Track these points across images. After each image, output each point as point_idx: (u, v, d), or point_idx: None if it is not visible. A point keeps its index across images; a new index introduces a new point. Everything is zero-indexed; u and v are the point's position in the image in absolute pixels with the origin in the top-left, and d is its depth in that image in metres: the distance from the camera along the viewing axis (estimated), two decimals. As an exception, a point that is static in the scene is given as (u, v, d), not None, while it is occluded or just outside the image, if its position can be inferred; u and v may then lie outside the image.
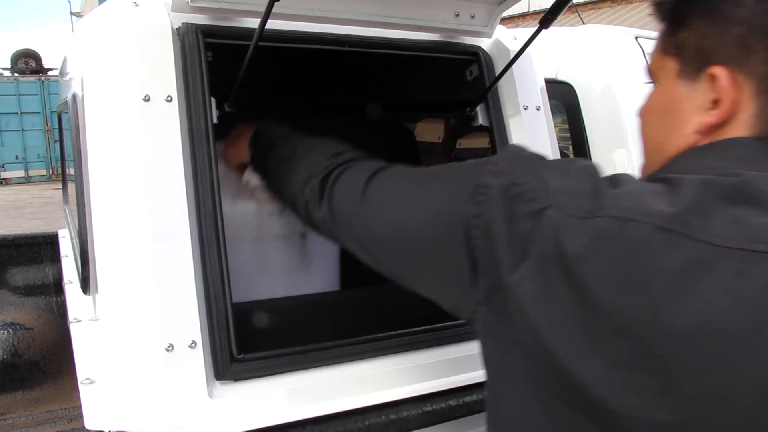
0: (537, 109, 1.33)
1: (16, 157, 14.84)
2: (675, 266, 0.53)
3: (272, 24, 0.97)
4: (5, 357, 2.13)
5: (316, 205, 0.92)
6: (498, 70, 1.30)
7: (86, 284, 1.28)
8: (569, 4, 1.09)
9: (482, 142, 1.48)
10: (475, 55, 1.32)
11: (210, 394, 0.95)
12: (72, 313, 1.36)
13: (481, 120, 1.32)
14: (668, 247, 0.54)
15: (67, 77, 1.51)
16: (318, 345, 1.05)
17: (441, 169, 0.78)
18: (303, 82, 1.58)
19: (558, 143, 1.38)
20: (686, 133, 0.67)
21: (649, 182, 0.62)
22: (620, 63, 1.58)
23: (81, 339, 1.19)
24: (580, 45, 1.67)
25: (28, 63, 15.95)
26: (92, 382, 1.01)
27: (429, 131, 2.11)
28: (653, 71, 0.74)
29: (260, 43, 0.97)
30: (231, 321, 0.98)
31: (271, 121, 1.18)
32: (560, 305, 0.56)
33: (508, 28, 1.43)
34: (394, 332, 1.12)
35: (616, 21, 9.42)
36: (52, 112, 13.91)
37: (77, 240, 1.35)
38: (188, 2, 1.02)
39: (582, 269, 0.56)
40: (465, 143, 2.05)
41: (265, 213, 1.36)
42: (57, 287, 2.30)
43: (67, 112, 1.36)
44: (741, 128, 0.64)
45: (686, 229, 0.54)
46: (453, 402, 1.08)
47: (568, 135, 1.67)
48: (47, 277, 2.33)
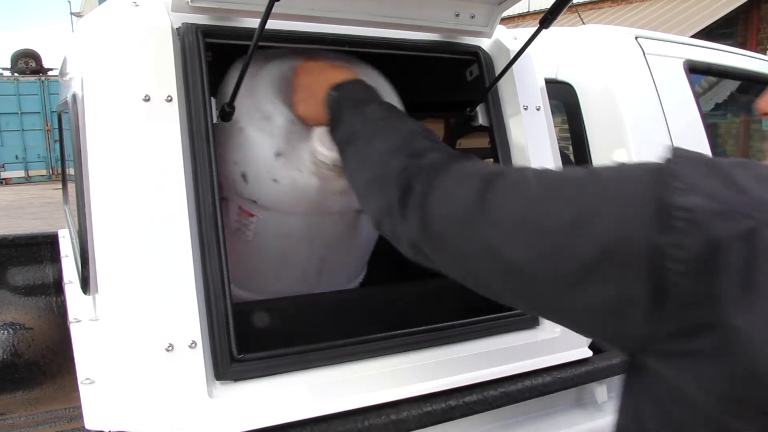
0: (537, 109, 1.33)
1: (16, 157, 14.85)
2: None
3: (272, 24, 0.97)
4: (5, 357, 2.13)
5: (399, 220, 0.79)
6: (498, 70, 1.30)
7: (86, 284, 1.28)
8: (569, 4, 1.09)
9: (482, 142, 1.48)
10: (475, 55, 1.32)
11: (210, 394, 0.95)
12: (72, 313, 1.36)
13: (481, 120, 1.32)
14: None
15: (67, 77, 1.51)
16: (318, 345, 1.05)
17: (588, 182, 0.64)
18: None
19: (558, 143, 1.38)
20: None
21: None
22: (620, 63, 1.58)
23: (81, 339, 1.19)
24: (580, 45, 1.67)
25: (28, 63, 15.96)
26: (92, 382, 1.01)
27: (429, 131, 2.10)
28: None
29: (260, 43, 0.97)
30: (231, 321, 0.98)
31: (355, 80, 1.06)
32: None
33: (508, 28, 1.43)
34: (394, 332, 1.12)
35: (616, 21, 9.43)
36: (52, 112, 13.91)
37: (77, 240, 1.35)
38: (188, 2, 1.02)
39: None
40: (465, 143, 2.05)
41: (328, 191, 1.16)
42: (57, 287, 2.30)
43: (67, 112, 1.36)
44: None
45: None
46: (453, 402, 1.08)
47: (568, 135, 1.67)
48: (47, 277, 2.33)
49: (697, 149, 1.69)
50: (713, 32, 7.66)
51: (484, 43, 1.34)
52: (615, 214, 0.58)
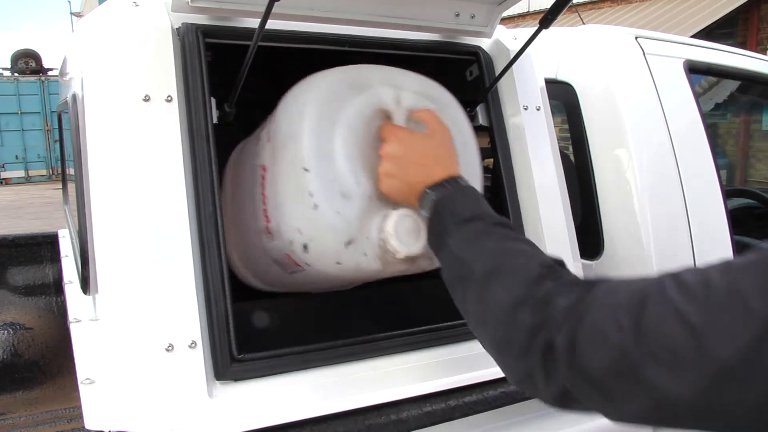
0: (537, 109, 1.33)
1: (16, 157, 14.86)
2: None
3: (272, 24, 0.97)
4: (5, 357, 2.12)
5: (543, 383, 0.69)
6: (498, 70, 1.30)
7: (86, 284, 1.28)
8: (569, 4, 1.09)
9: (482, 142, 1.48)
10: (475, 55, 1.32)
11: (210, 394, 0.95)
12: (72, 313, 1.36)
13: (481, 120, 1.32)
14: None
15: (67, 77, 1.51)
16: (318, 345, 1.05)
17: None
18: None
19: (558, 143, 1.38)
20: None
21: None
22: (620, 63, 1.58)
23: (81, 339, 1.19)
24: (580, 45, 1.67)
25: (28, 63, 15.96)
26: (92, 382, 1.01)
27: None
28: None
29: (260, 43, 0.97)
30: (231, 321, 0.98)
31: (463, 190, 0.92)
32: None
33: (508, 28, 1.43)
34: (394, 332, 1.12)
35: (616, 21, 9.43)
36: (52, 112, 13.92)
37: (77, 240, 1.35)
38: (188, 2, 1.02)
39: None
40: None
41: (389, 271, 1.06)
42: (57, 287, 2.30)
43: (67, 112, 1.36)
44: None
45: None
46: (453, 402, 1.08)
47: (568, 135, 1.67)
48: (47, 277, 2.33)
49: (697, 149, 1.69)
50: (713, 32, 7.66)
51: (484, 43, 1.34)
52: None
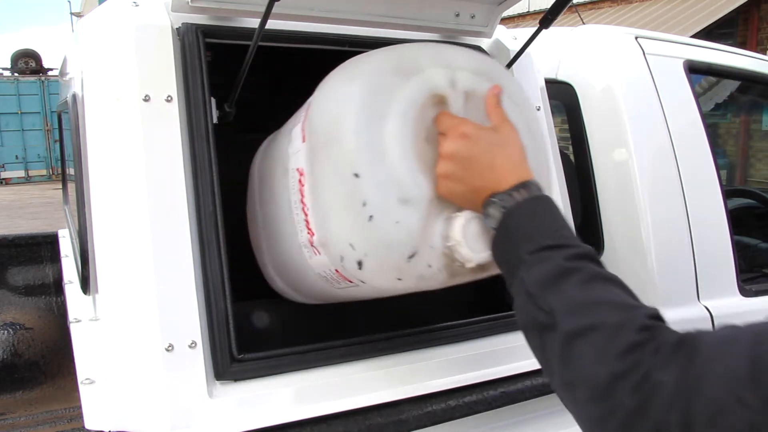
0: (537, 109, 1.33)
1: (16, 157, 14.86)
2: None
3: (272, 24, 0.97)
4: (5, 357, 2.12)
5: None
6: (498, 70, 1.30)
7: (86, 284, 1.28)
8: (569, 4, 1.09)
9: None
10: (475, 55, 1.31)
11: (210, 394, 0.95)
12: (72, 313, 1.36)
13: (481, 120, 1.32)
14: None
15: (67, 77, 1.51)
16: (318, 345, 1.05)
17: None
18: (303, 82, 1.57)
19: (558, 143, 1.38)
20: None
21: None
22: (620, 63, 1.58)
23: (81, 339, 1.19)
24: (580, 45, 1.67)
25: (28, 63, 15.97)
26: (92, 382, 1.01)
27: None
28: None
29: (260, 43, 0.97)
30: (231, 321, 0.98)
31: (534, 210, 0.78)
32: None
33: (508, 28, 1.43)
34: (394, 332, 1.12)
35: (616, 21, 9.43)
36: (52, 112, 13.92)
37: (77, 240, 1.35)
38: (188, 2, 1.02)
39: None
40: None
41: (455, 281, 0.94)
42: (57, 287, 2.30)
43: (67, 112, 1.36)
44: None
45: None
46: (453, 402, 1.08)
47: (568, 135, 1.67)
48: (47, 277, 2.33)
49: (697, 149, 1.69)
50: (713, 32, 7.66)
51: (484, 43, 1.34)
52: None
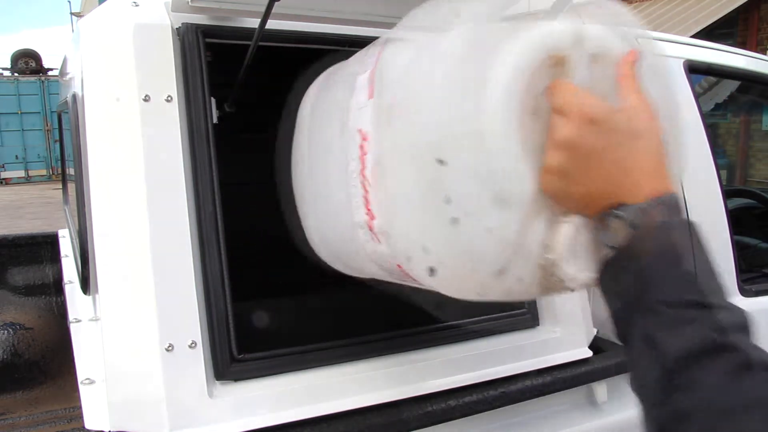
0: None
1: (16, 157, 14.87)
2: None
3: (272, 24, 0.97)
4: (5, 357, 2.12)
5: None
6: (498, 70, 1.29)
7: (86, 284, 1.28)
8: (569, 4, 1.09)
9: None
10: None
11: (210, 394, 0.95)
12: (72, 313, 1.36)
13: (481, 120, 1.32)
14: None
15: (67, 77, 1.51)
16: (318, 345, 1.05)
17: None
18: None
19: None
20: None
21: None
22: (620, 63, 1.58)
23: (81, 339, 1.19)
24: (580, 45, 1.67)
25: (28, 63, 15.98)
26: (92, 382, 1.01)
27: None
28: None
29: (260, 43, 0.97)
30: (231, 321, 0.98)
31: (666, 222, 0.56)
32: None
33: (508, 28, 1.43)
34: (394, 332, 1.12)
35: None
36: (52, 112, 13.93)
37: (77, 240, 1.35)
38: (188, 2, 1.02)
39: None
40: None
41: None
42: (57, 287, 2.30)
43: (67, 112, 1.36)
44: None
45: None
46: (453, 402, 1.08)
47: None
48: (47, 277, 2.33)
49: (697, 149, 1.68)
50: (713, 32, 7.66)
51: (484, 43, 1.34)
52: None
